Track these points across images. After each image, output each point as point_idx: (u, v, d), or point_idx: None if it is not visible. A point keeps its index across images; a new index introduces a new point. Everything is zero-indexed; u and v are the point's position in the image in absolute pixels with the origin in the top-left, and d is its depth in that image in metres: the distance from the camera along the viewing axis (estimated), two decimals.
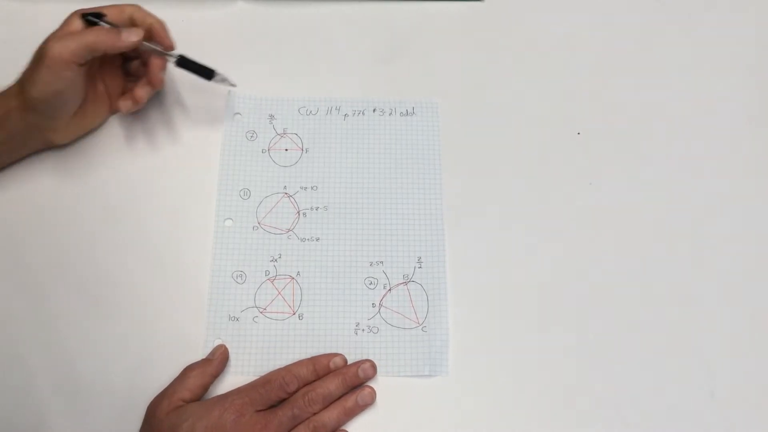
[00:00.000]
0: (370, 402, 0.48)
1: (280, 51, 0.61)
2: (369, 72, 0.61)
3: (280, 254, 0.53)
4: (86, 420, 0.47)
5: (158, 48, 0.52)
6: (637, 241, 0.55)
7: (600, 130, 0.59)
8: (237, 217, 0.54)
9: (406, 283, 0.52)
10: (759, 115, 0.60)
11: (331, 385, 0.47)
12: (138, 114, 0.56)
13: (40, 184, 0.54)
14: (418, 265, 0.53)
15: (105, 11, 0.51)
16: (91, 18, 0.50)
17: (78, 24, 0.50)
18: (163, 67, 0.53)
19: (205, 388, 0.47)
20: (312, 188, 0.55)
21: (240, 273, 0.52)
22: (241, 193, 0.55)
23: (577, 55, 0.62)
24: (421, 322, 0.51)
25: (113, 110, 0.56)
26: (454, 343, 0.51)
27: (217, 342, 0.50)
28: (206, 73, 0.53)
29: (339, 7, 0.63)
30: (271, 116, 0.58)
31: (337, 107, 0.59)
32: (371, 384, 0.49)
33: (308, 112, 0.58)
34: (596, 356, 0.51)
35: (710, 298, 0.53)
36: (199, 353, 0.49)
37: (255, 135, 0.57)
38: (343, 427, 0.47)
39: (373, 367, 0.49)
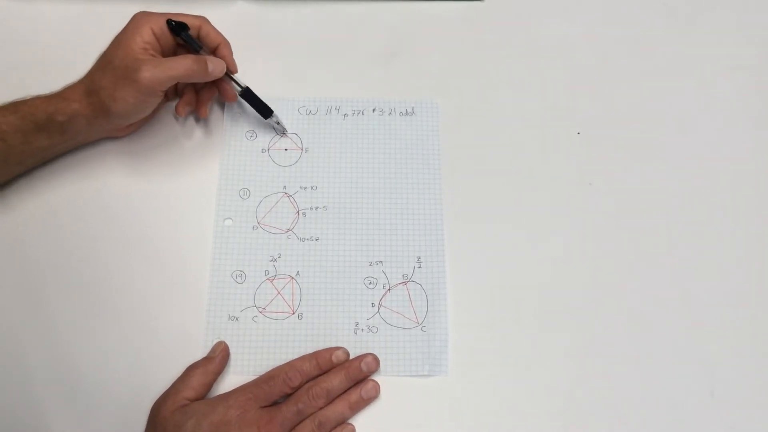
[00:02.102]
0: (374, 395, 0.48)
1: (280, 51, 0.61)
2: (369, 72, 0.61)
3: (280, 254, 0.53)
4: (87, 419, 0.47)
5: (230, 78, 0.54)
6: (636, 241, 0.55)
7: (600, 130, 0.59)
8: (237, 217, 0.54)
9: (405, 283, 0.52)
10: (759, 116, 0.60)
11: (335, 380, 0.47)
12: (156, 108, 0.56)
13: (40, 185, 0.54)
14: (417, 265, 0.53)
15: (179, 19, 0.51)
16: (176, 27, 0.51)
17: (147, 33, 0.50)
18: (234, 95, 0.55)
19: (209, 386, 0.47)
20: (312, 188, 0.55)
21: (239, 273, 0.52)
22: (241, 193, 0.55)
23: (577, 55, 0.62)
24: (420, 322, 0.51)
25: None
26: (453, 342, 0.51)
27: (217, 340, 0.50)
28: (264, 111, 0.55)
29: (339, 7, 0.63)
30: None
31: (337, 107, 0.59)
32: (374, 378, 0.49)
33: (308, 112, 0.58)
34: (596, 356, 0.51)
35: (710, 298, 0.53)
36: (199, 353, 0.49)
37: (255, 135, 0.57)
38: (349, 421, 0.47)
39: (376, 360, 0.49)
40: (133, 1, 0.58)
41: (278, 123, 0.56)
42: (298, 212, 0.55)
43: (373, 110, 0.59)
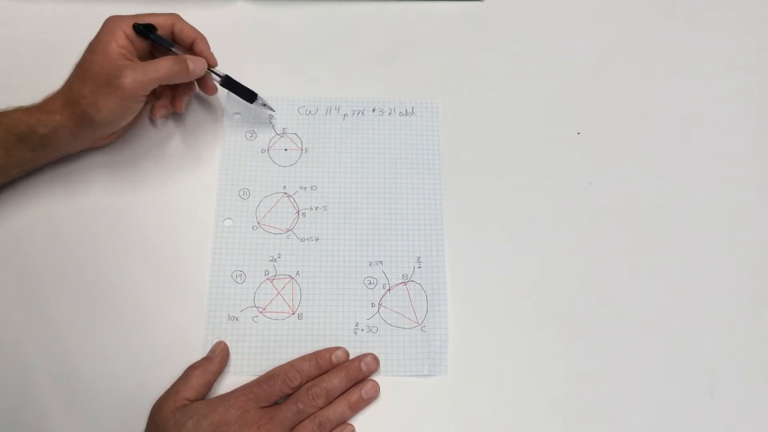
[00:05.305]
0: (374, 395, 0.48)
1: (280, 51, 0.61)
2: (369, 72, 0.61)
3: (280, 254, 0.53)
4: (87, 419, 0.47)
5: (210, 71, 0.53)
6: (636, 241, 0.55)
7: (600, 130, 0.59)
8: (236, 217, 0.54)
9: (405, 283, 0.53)
10: (759, 116, 0.60)
11: (335, 380, 0.47)
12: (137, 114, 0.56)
13: (41, 185, 0.54)
14: (417, 265, 0.53)
15: (149, 20, 0.51)
16: (143, 30, 0.50)
17: (122, 37, 0.49)
18: (214, 87, 0.54)
19: (209, 386, 0.48)
20: (311, 188, 0.55)
21: (239, 273, 0.52)
22: (241, 193, 0.55)
23: (577, 55, 0.62)
24: (420, 322, 0.51)
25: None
26: (453, 342, 0.51)
27: (217, 340, 0.50)
28: (248, 95, 0.54)
29: (339, 7, 0.63)
30: (271, 116, 0.58)
31: (337, 107, 0.59)
32: (374, 378, 0.49)
33: (308, 112, 0.58)
34: (595, 355, 0.51)
35: (710, 297, 0.53)
36: (199, 353, 0.49)
37: (254, 134, 0.57)
38: (349, 421, 0.48)
39: (376, 360, 0.49)
40: (132, 1, 0.58)
41: (264, 104, 0.55)
42: (298, 212, 0.55)
43: (373, 110, 0.59)
